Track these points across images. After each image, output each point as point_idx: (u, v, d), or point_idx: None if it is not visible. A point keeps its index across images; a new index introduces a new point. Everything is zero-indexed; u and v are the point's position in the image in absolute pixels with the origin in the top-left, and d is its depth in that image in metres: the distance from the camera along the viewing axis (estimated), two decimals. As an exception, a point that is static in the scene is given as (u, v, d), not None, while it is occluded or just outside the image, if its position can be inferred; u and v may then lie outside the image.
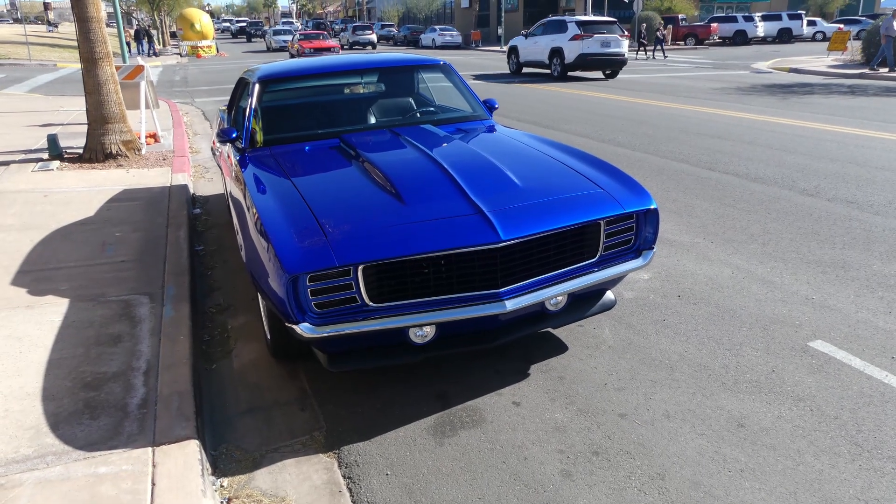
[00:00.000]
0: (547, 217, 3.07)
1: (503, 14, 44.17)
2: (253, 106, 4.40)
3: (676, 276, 4.54)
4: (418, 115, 4.85)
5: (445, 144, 3.96)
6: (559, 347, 3.64)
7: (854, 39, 26.07)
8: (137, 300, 3.93)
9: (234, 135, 4.19)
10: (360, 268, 2.78)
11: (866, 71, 19.33)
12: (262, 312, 3.53)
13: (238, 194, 3.80)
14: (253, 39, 59.62)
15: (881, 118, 11.10)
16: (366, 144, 3.96)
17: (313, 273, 2.71)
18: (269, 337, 3.46)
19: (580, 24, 19.20)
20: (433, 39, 45.35)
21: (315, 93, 5.03)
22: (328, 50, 29.76)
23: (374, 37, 42.94)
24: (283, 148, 4.13)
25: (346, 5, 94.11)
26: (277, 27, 48.39)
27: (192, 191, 6.94)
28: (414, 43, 48.13)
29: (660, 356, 3.52)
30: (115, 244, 4.92)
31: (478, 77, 20.46)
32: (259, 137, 4.26)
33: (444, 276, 2.94)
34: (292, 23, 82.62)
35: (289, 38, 38.43)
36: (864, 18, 40.60)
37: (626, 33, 19.48)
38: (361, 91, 5.02)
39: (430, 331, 2.99)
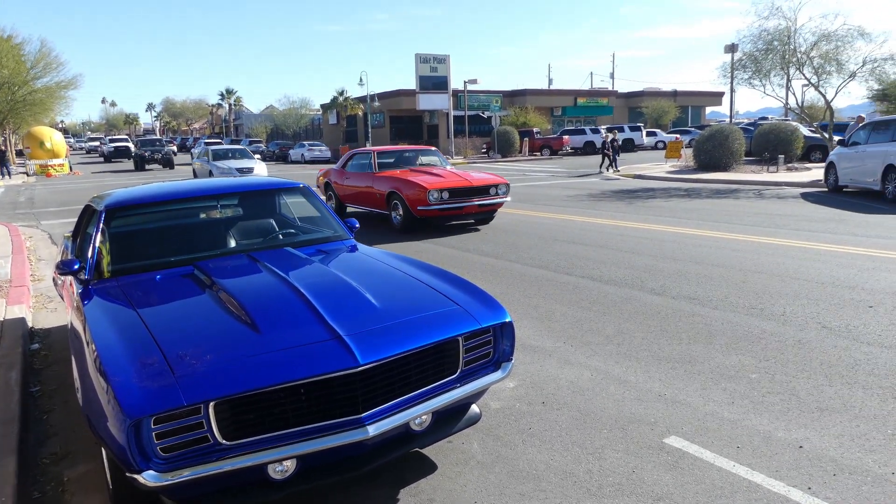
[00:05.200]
0: (405, 337, 3.09)
1: (370, 130, 45.88)
2: (99, 235, 4.19)
3: (540, 382, 4.66)
4: (279, 237, 4.82)
5: (304, 268, 3.95)
6: (429, 466, 3.58)
7: (686, 147, 29.24)
8: (-45, 457, 3.47)
9: (75, 266, 3.96)
10: (212, 404, 2.63)
11: (703, 176, 21.57)
12: (105, 458, 3.22)
13: (78, 330, 3.54)
14: (150, 167, 38.57)
15: (714, 218, 12.34)
16: (221, 271, 3.86)
17: (158, 415, 2.53)
18: (111, 487, 3.15)
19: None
20: (302, 154, 46.14)
21: (168, 218, 4.90)
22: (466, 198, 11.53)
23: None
24: (132, 278, 3.94)
25: (212, 122, 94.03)
26: (226, 147, 27.99)
27: (30, 324, 6.40)
28: (283, 158, 48.67)
29: (527, 467, 3.54)
30: (-67, 392, 4.38)
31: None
32: (105, 267, 4.04)
33: (304, 406, 2.84)
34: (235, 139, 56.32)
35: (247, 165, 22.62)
36: (693, 129, 45.89)
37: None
38: (218, 216, 4.94)
39: (290, 465, 2.85)
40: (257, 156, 27.26)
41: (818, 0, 66.30)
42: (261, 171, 23.20)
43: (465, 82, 42.80)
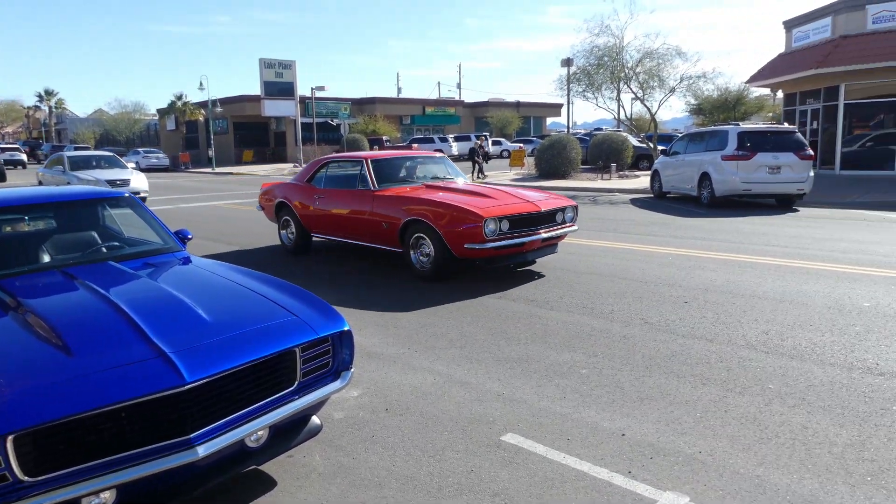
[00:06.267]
0: (238, 351, 2.99)
1: (212, 136, 43.90)
2: None
3: (384, 389, 4.68)
4: (101, 251, 4.47)
5: (127, 283, 3.70)
6: (268, 483, 3.47)
7: (529, 156, 30.72)
8: None
9: None
10: (10, 439, 2.39)
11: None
12: None
13: None
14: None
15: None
16: (29, 290, 3.52)
17: (-62, 457, 2.26)
18: None
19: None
20: (137, 162, 43.26)
21: None
22: (531, 228, 7.87)
23: None
24: None
25: (28, 126, 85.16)
26: (90, 153, 22.75)
27: None
28: (116, 165, 45.19)
29: (369, 475, 3.53)
30: None
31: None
32: None
33: (125, 430, 2.66)
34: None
35: None
36: (535, 138, 48.33)
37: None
38: (27, 228, 4.50)
39: (109, 496, 2.65)
40: (131, 165, 22.67)
41: (642, 21, 72.67)
42: (139, 183, 18.91)
43: (312, 89, 42.16)
